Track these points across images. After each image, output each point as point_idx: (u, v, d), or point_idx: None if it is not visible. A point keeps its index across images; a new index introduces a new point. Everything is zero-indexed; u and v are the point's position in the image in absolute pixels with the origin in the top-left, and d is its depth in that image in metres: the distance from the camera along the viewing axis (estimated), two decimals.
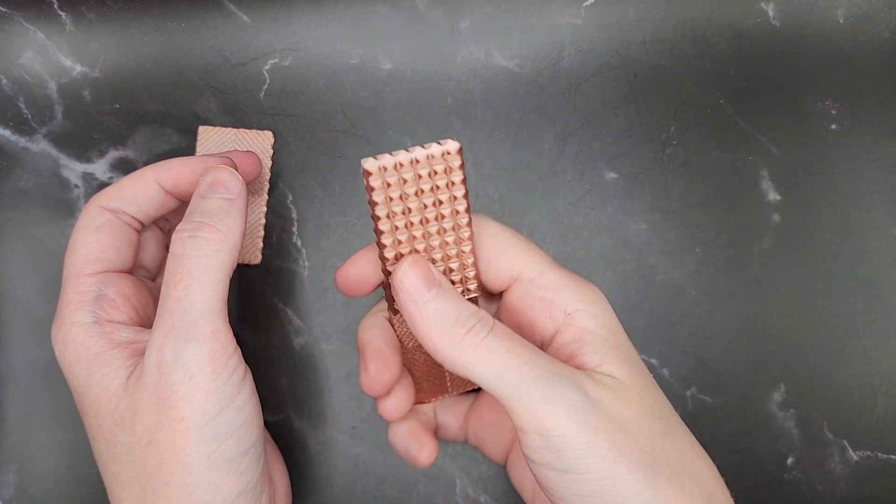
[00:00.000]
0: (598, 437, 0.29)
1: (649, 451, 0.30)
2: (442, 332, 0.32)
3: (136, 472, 0.33)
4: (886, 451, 0.44)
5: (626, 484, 0.29)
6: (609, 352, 0.33)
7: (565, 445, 0.29)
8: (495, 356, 0.31)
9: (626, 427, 0.30)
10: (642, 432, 0.31)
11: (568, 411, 0.30)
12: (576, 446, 0.29)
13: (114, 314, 0.36)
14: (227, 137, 0.45)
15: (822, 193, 0.46)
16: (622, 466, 0.29)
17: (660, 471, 0.30)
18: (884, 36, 0.46)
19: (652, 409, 0.32)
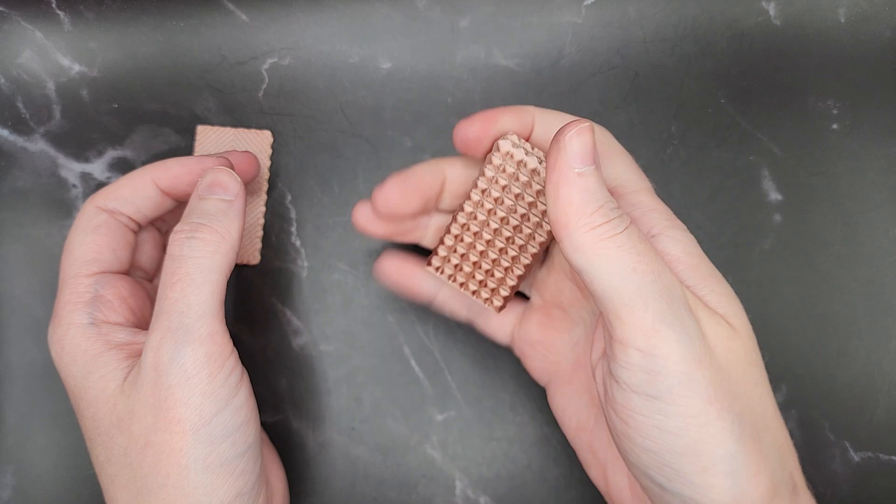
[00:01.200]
0: (700, 371, 0.29)
1: (741, 400, 0.29)
2: (583, 211, 0.30)
3: (133, 474, 0.33)
4: (888, 452, 0.44)
5: (713, 429, 0.29)
6: (703, 284, 0.32)
7: (665, 370, 0.29)
8: (624, 255, 0.29)
9: (727, 369, 0.30)
10: (739, 378, 0.30)
11: (679, 335, 0.29)
12: (676, 373, 0.28)
13: (110, 315, 0.36)
14: (226, 137, 0.45)
15: (823, 193, 0.45)
16: (714, 408, 0.29)
17: (745, 423, 0.29)
18: (885, 35, 0.46)
19: (751, 356, 0.31)
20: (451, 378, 0.45)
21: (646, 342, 0.29)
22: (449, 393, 0.45)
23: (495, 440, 0.44)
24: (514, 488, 0.44)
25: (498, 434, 0.44)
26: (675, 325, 0.29)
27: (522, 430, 0.44)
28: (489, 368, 0.45)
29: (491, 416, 0.45)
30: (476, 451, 0.44)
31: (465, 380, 0.45)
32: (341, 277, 0.45)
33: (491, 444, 0.44)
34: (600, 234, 0.29)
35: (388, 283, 0.42)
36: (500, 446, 0.44)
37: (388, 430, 0.45)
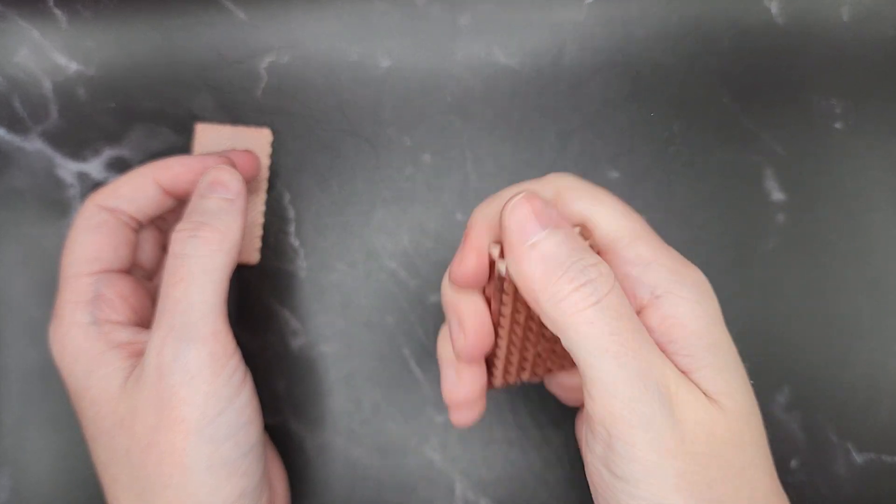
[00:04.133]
0: (667, 460, 0.27)
1: (718, 489, 0.28)
2: (547, 282, 0.28)
3: (135, 474, 0.33)
4: (892, 453, 0.44)
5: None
6: (703, 355, 0.29)
7: (630, 455, 0.27)
8: (596, 333, 0.27)
9: (701, 458, 0.28)
10: (717, 465, 0.28)
11: (647, 423, 0.27)
12: (641, 460, 0.27)
13: (112, 314, 0.36)
14: (225, 135, 0.44)
15: (827, 193, 0.45)
16: (681, 497, 0.27)
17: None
18: (889, 34, 0.46)
19: (738, 439, 0.29)
20: None
21: (612, 425, 0.27)
22: None
23: (495, 442, 0.44)
24: (515, 490, 0.44)
25: (498, 436, 0.44)
26: (644, 413, 0.27)
27: (523, 432, 0.44)
28: None
29: (491, 418, 0.44)
30: (476, 453, 0.44)
31: None
32: (340, 278, 0.45)
33: (491, 446, 0.44)
34: (570, 306, 0.28)
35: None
36: (499, 448, 0.44)
37: (388, 432, 0.44)
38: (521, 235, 0.29)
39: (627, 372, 0.27)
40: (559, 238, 0.28)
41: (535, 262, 0.28)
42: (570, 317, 0.27)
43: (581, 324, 0.27)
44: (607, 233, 0.31)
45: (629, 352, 0.27)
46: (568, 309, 0.27)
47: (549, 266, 0.28)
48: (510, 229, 0.29)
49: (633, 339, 0.28)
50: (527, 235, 0.29)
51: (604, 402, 0.28)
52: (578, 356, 0.28)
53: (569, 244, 0.28)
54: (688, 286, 0.30)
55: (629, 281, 0.30)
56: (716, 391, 0.29)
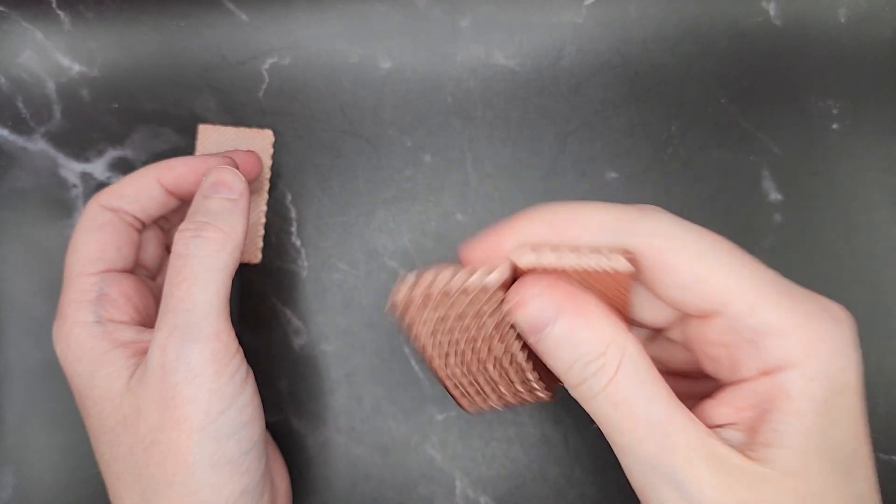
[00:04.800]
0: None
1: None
2: (561, 373, 0.28)
3: (139, 472, 0.33)
4: (888, 452, 0.44)
5: None
6: (793, 436, 0.26)
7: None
8: (603, 420, 0.27)
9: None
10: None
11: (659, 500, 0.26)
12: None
13: (115, 314, 0.36)
14: (227, 136, 0.45)
15: (824, 193, 0.45)
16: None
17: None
18: (886, 35, 0.46)
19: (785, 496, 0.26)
20: None
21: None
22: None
23: (495, 440, 0.44)
24: (515, 488, 0.44)
25: (498, 434, 0.44)
26: (661, 492, 0.26)
27: (523, 430, 0.44)
28: None
29: (491, 416, 0.45)
30: (476, 450, 0.44)
31: None
32: (341, 277, 0.45)
33: (491, 444, 0.44)
34: (582, 397, 0.28)
35: None
36: (500, 446, 0.44)
37: (389, 430, 0.45)
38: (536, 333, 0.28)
39: (636, 458, 0.27)
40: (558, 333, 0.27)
41: (546, 354, 0.28)
42: (585, 404, 0.28)
43: (594, 409, 0.27)
44: (716, 294, 0.27)
45: (635, 439, 0.26)
46: (582, 397, 0.28)
47: (558, 358, 0.28)
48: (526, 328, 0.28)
49: (637, 428, 0.26)
50: (532, 336, 0.28)
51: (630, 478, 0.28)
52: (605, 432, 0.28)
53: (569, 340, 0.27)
54: (820, 356, 0.26)
55: (755, 347, 0.27)
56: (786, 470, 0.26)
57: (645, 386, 0.26)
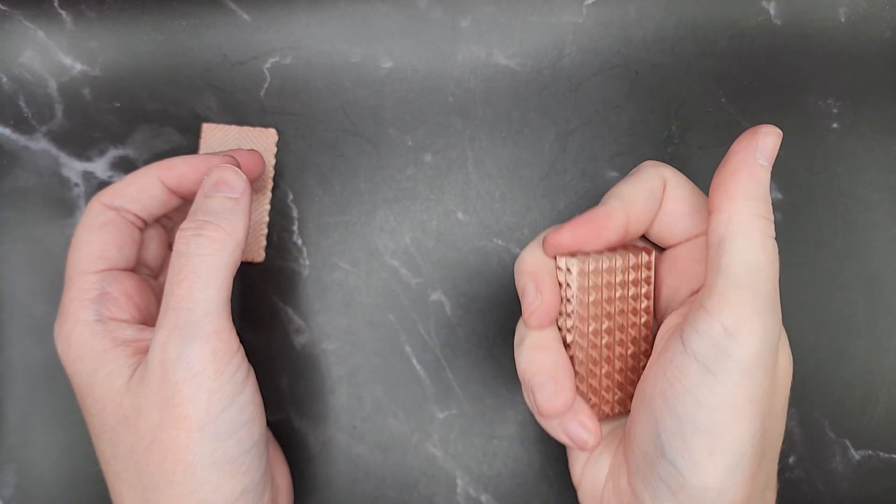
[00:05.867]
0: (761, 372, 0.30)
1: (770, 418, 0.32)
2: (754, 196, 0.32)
3: (139, 471, 0.33)
4: (888, 450, 0.44)
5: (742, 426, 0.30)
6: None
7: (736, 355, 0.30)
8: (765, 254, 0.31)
9: (777, 386, 0.32)
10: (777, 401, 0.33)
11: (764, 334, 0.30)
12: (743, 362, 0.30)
13: (117, 312, 0.36)
14: (231, 135, 0.45)
15: (823, 192, 0.45)
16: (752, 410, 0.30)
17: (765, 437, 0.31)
18: (885, 35, 0.46)
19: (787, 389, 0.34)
20: (452, 376, 0.45)
21: (735, 324, 0.30)
22: (450, 391, 0.45)
23: (496, 438, 0.44)
24: (516, 486, 0.44)
25: (499, 432, 0.45)
26: (766, 325, 0.30)
27: (523, 428, 0.45)
28: (490, 367, 0.45)
29: (492, 415, 0.45)
30: (477, 449, 0.44)
31: (466, 378, 0.45)
32: (343, 276, 0.45)
33: (492, 443, 0.44)
34: (759, 225, 0.31)
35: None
36: (501, 444, 0.45)
37: (390, 429, 0.45)
38: (762, 153, 0.32)
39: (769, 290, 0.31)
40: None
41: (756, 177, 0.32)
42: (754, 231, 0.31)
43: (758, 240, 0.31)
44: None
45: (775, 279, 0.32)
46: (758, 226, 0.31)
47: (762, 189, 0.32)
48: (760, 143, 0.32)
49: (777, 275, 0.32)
50: (764, 157, 0.32)
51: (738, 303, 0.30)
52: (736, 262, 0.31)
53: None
54: None
55: None
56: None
57: None
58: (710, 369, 0.30)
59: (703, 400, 0.30)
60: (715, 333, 0.30)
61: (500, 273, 0.45)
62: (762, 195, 0.32)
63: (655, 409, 0.32)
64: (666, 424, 0.31)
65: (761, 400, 0.30)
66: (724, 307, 0.30)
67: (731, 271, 0.31)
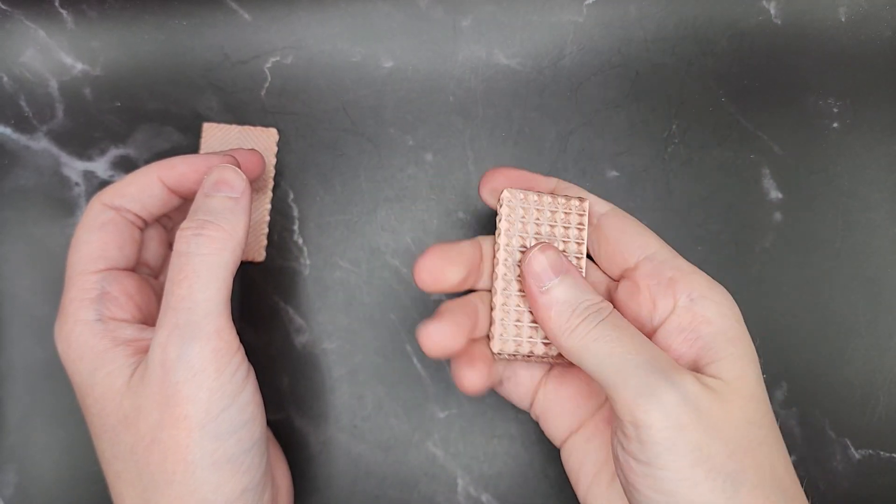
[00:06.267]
0: (683, 436, 0.30)
1: (738, 460, 0.30)
2: (560, 320, 0.33)
3: (139, 470, 0.33)
4: (889, 449, 0.44)
5: (703, 489, 0.30)
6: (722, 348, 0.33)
7: (651, 438, 0.30)
8: (602, 346, 0.32)
9: (717, 431, 0.30)
10: (735, 439, 0.31)
11: (659, 405, 0.30)
12: (661, 440, 0.30)
13: (117, 312, 0.36)
14: (232, 135, 0.45)
15: (823, 192, 0.46)
16: (701, 470, 0.30)
17: (744, 482, 0.30)
18: (886, 34, 0.46)
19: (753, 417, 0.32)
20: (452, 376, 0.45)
21: (631, 416, 0.30)
22: (451, 390, 0.45)
23: (497, 438, 0.45)
24: (516, 486, 0.44)
25: (500, 431, 0.45)
26: (654, 396, 0.30)
27: (524, 428, 0.45)
28: None
29: (493, 414, 0.45)
30: (478, 448, 0.44)
31: None
32: (343, 275, 0.45)
33: (493, 442, 0.45)
34: (579, 334, 0.33)
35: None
36: (501, 444, 0.45)
37: (390, 428, 0.45)
38: (537, 282, 0.34)
39: (633, 364, 0.31)
40: (568, 283, 0.34)
41: (548, 306, 0.34)
42: (580, 341, 0.33)
43: (590, 343, 0.32)
44: (656, 252, 0.37)
45: (632, 351, 0.32)
46: (579, 336, 0.33)
47: (560, 307, 0.34)
48: (529, 277, 0.35)
49: (634, 342, 0.32)
50: (542, 283, 0.34)
51: (621, 398, 0.31)
52: (594, 372, 0.32)
53: (577, 288, 0.34)
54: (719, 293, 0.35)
55: (673, 283, 0.35)
56: (732, 377, 0.32)
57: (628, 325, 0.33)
58: (644, 462, 0.30)
59: (660, 487, 0.30)
60: (630, 432, 0.31)
61: None
62: (566, 308, 0.34)
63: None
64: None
65: (706, 456, 0.30)
66: (618, 408, 0.31)
67: (599, 379, 0.32)
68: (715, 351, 0.33)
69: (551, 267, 0.34)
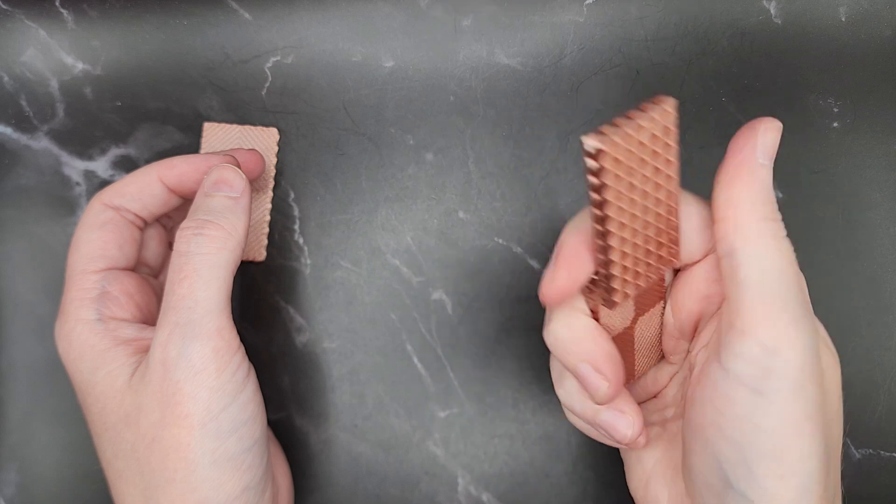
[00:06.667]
0: (811, 385, 0.28)
1: (829, 428, 0.29)
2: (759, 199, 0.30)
3: (140, 469, 0.33)
4: (889, 449, 0.44)
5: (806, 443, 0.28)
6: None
7: (782, 372, 0.28)
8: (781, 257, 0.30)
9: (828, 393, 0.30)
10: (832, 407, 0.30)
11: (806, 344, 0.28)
12: (791, 379, 0.28)
13: (117, 311, 0.36)
14: (233, 134, 0.45)
15: (824, 191, 0.46)
16: (811, 425, 0.28)
17: (828, 450, 0.29)
18: (886, 34, 0.46)
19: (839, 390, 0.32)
20: (453, 375, 0.45)
21: (773, 339, 0.28)
22: (451, 390, 0.45)
23: (497, 437, 0.45)
24: (517, 485, 0.44)
25: (500, 431, 0.45)
26: (805, 334, 0.28)
27: (525, 427, 0.45)
28: (491, 365, 0.45)
29: (493, 413, 0.45)
30: (478, 447, 0.45)
31: (467, 377, 0.45)
32: (344, 275, 0.45)
33: (493, 441, 0.45)
34: (769, 229, 0.30)
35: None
36: (502, 443, 0.45)
37: (391, 427, 0.45)
38: (762, 152, 0.31)
39: (798, 295, 0.29)
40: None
41: (759, 179, 0.30)
42: (765, 236, 0.30)
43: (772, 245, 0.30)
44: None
45: (799, 281, 0.30)
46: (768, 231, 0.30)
47: (766, 190, 0.31)
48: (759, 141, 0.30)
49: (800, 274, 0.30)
50: (764, 156, 0.31)
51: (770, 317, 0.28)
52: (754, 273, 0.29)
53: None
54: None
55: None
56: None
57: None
58: (759, 391, 0.28)
59: (761, 424, 0.28)
60: (755, 354, 0.28)
61: (501, 272, 0.45)
62: (766, 197, 0.30)
63: (711, 441, 0.30)
64: (726, 455, 0.29)
65: (817, 413, 0.28)
66: (757, 324, 0.28)
67: (752, 283, 0.29)
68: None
69: (774, 152, 0.31)
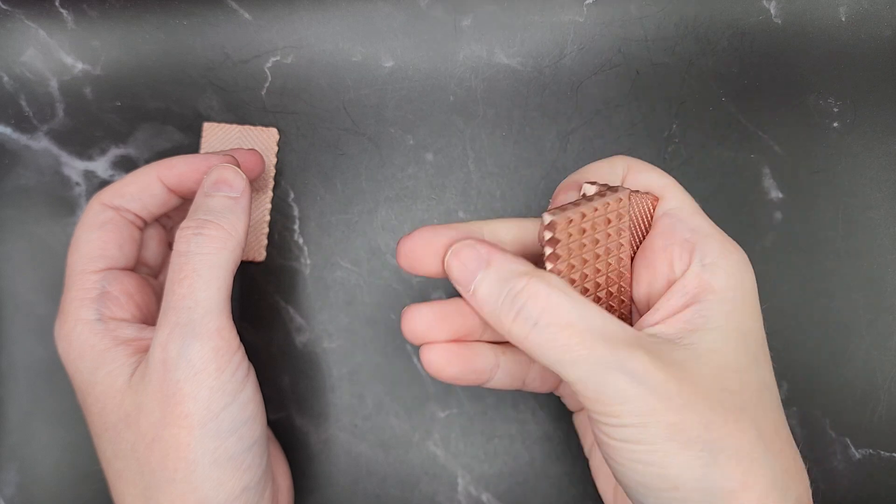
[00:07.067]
0: (653, 417, 0.29)
1: (716, 429, 0.29)
2: (494, 320, 0.31)
3: (140, 469, 0.33)
4: (889, 449, 0.44)
5: (679, 459, 0.29)
6: (716, 318, 0.31)
7: (620, 422, 0.29)
8: (547, 349, 0.30)
9: (689, 405, 0.29)
10: (711, 408, 0.29)
11: (623, 400, 0.29)
12: (630, 425, 0.29)
13: (117, 311, 0.36)
14: (232, 134, 0.45)
15: (824, 191, 0.46)
16: (675, 444, 0.29)
17: (722, 449, 0.29)
18: (886, 34, 0.46)
19: (733, 385, 0.30)
20: None
21: (599, 410, 0.29)
22: (451, 390, 0.45)
23: (497, 437, 0.45)
24: (516, 485, 0.44)
25: (500, 431, 0.45)
26: (616, 392, 0.29)
27: (524, 427, 0.45)
28: None
29: (493, 414, 0.45)
30: (478, 448, 0.45)
31: None
32: (344, 275, 0.45)
33: (493, 441, 0.45)
34: (518, 336, 0.30)
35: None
36: (502, 443, 0.45)
37: (391, 428, 0.45)
38: (464, 286, 0.32)
39: (586, 367, 0.29)
40: (490, 278, 0.31)
41: (478, 306, 0.32)
42: (522, 343, 0.30)
43: (533, 347, 0.30)
44: (674, 204, 0.35)
45: (581, 351, 0.29)
46: (518, 338, 0.30)
47: (489, 308, 0.31)
48: (456, 283, 0.33)
49: (580, 339, 0.29)
50: (468, 285, 0.32)
51: (584, 396, 0.30)
52: (551, 369, 0.30)
53: (498, 278, 0.31)
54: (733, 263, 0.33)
55: (689, 245, 0.33)
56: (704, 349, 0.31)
57: (575, 303, 0.30)
58: (621, 440, 0.30)
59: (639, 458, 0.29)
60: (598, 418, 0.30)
61: None
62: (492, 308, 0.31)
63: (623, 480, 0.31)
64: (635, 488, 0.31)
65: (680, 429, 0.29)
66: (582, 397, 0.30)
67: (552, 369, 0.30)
68: (705, 319, 0.31)
69: (470, 266, 0.32)
